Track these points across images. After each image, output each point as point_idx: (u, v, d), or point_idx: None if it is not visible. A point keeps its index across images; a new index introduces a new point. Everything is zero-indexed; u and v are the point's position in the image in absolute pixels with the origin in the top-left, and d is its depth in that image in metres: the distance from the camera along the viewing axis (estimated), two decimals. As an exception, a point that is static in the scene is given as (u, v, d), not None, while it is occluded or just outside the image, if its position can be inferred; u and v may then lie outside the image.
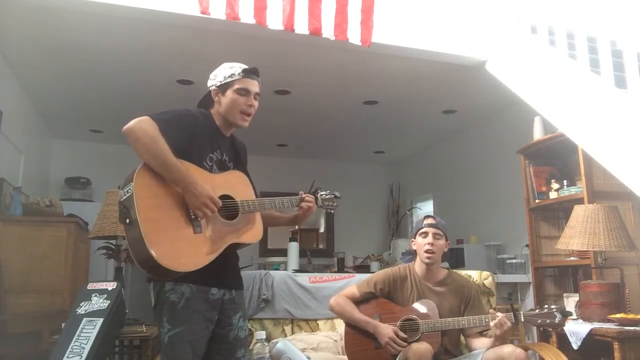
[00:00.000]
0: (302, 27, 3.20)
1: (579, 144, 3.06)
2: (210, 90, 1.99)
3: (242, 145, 2.12)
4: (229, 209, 1.85)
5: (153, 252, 1.60)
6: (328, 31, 3.26)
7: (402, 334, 2.41)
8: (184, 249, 1.70)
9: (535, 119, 4.10)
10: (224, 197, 1.84)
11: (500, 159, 5.21)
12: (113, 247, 3.28)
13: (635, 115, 2.53)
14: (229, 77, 1.94)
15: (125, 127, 1.71)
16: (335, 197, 2.22)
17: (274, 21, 3.15)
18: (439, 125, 5.92)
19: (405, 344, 2.35)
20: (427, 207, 6.93)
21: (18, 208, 4.10)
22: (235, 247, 1.88)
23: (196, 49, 3.97)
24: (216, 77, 1.97)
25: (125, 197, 1.68)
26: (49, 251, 3.97)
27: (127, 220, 1.65)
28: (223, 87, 1.95)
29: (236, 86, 1.93)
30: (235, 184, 1.92)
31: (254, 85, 1.97)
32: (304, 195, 2.08)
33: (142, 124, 1.71)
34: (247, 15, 3.08)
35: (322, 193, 2.18)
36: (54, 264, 3.95)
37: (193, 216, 1.74)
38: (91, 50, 3.97)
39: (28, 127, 5.14)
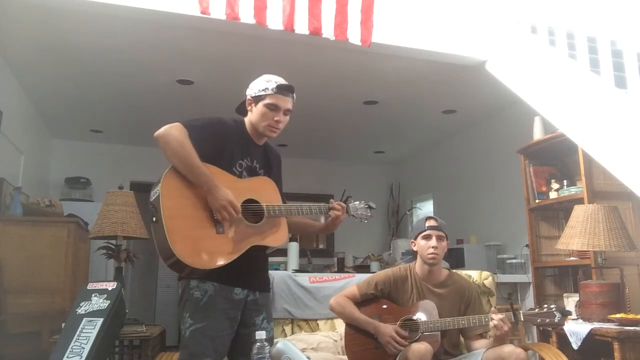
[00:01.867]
0: (302, 27, 3.20)
1: (579, 144, 3.06)
2: (246, 100, 2.06)
3: (275, 154, 2.19)
4: (255, 212, 1.92)
5: (174, 249, 1.69)
6: (328, 31, 3.26)
7: (403, 332, 2.41)
8: (206, 248, 1.78)
9: (535, 119, 4.10)
10: (249, 201, 1.91)
11: (500, 159, 5.21)
12: (113, 247, 3.28)
13: (635, 115, 2.53)
14: (262, 90, 2.00)
15: (157, 132, 1.81)
16: (370, 207, 2.23)
17: (274, 21, 3.15)
18: (439, 125, 5.92)
19: (406, 342, 2.35)
20: (427, 207, 6.93)
21: (18, 208, 4.10)
22: (260, 249, 1.93)
23: (196, 49, 3.97)
24: (252, 88, 2.04)
25: (153, 197, 1.79)
26: (49, 251, 3.97)
27: (154, 219, 1.76)
28: (256, 99, 2.01)
29: (267, 100, 1.99)
30: (262, 189, 1.99)
31: (285, 102, 2.02)
32: (333, 204, 2.08)
33: (172, 130, 1.81)
34: (247, 15, 3.08)
35: (355, 202, 2.19)
36: (54, 264, 3.95)
37: (216, 217, 1.81)
38: (91, 50, 3.97)
39: (28, 127, 5.14)
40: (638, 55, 2.66)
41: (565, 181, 3.85)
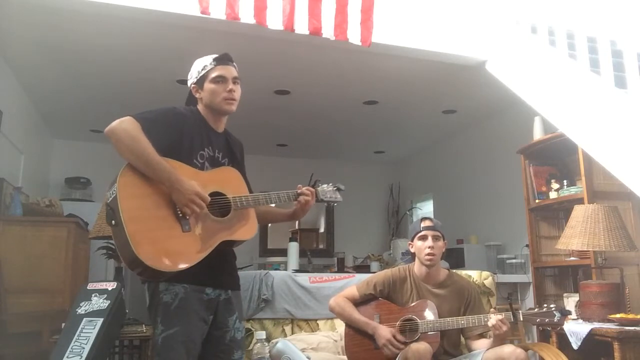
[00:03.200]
0: (302, 27, 3.20)
1: (579, 144, 3.06)
2: (191, 90, 1.98)
3: (237, 142, 2.08)
4: (221, 205, 1.80)
5: (138, 253, 1.57)
6: (328, 31, 3.25)
7: (400, 337, 2.41)
8: (172, 248, 1.66)
9: (535, 119, 4.10)
10: (215, 194, 1.79)
11: (500, 159, 5.21)
12: (113, 247, 3.28)
13: (635, 115, 2.53)
14: (202, 70, 1.93)
15: (107, 128, 1.71)
16: (339, 189, 2.13)
17: (274, 21, 3.15)
18: (439, 125, 5.92)
19: (402, 346, 2.35)
20: (427, 207, 6.93)
21: (18, 208, 4.10)
22: (229, 244, 1.83)
23: (196, 49, 3.93)
24: (192, 75, 1.97)
25: (110, 198, 1.66)
26: (49, 251, 3.97)
27: (113, 222, 1.62)
28: (200, 82, 1.94)
29: (211, 76, 1.92)
30: (227, 180, 1.87)
31: (229, 71, 1.94)
32: (302, 189, 2.00)
33: (123, 124, 1.71)
34: (247, 15, 3.08)
35: (323, 186, 2.09)
36: (54, 264, 3.95)
37: (181, 215, 1.70)
38: (91, 50, 3.97)
39: (28, 127, 5.14)
40: (638, 55, 2.66)
41: (565, 181, 3.85)
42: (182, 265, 1.66)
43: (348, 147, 6.94)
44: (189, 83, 1.99)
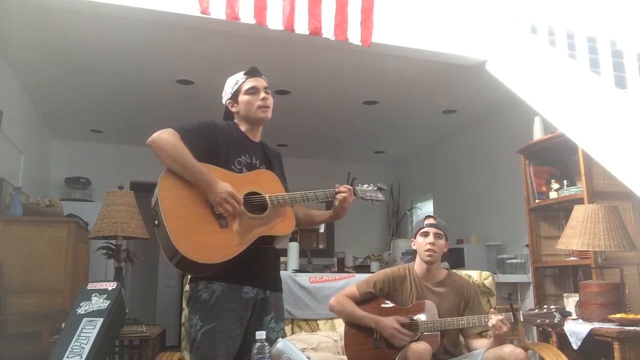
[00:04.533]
0: (302, 27, 3.20)
1: (579, 144, 3.06)
2: (227, 107, 2.09)
3: (275, 152, 2.19)
4: (258, 204, 1.89)
5: (178, 247, 1.69)
6: (328, 31, 3.26)
7: (404, 320, 2.42)
8: (210, 243, 1.77)
9: (535, 119, 4.10)
10: (251, 194, 1.89)
11: (500, 159, 5.21)
12: (113, 247, 3.28)
13: (635, 115, 2.53)
14: (235, 85, 2.06)
15: (149, 139, 1.83)
16: (380, 188, 2.23)
17: (274, 21, 3.15)
18: (439, 125, 5.92)
19: (410, 333, 2.36)
20: (427, 207, 6.93)
21: (18, 208, 4.10)
22: (268, 241, 1.91)
23: (196, 49, 3.97)
24: (226, 92, 2.10)
25: (153, 202, 1.79)
26: (49, 251, 3.98)
27: (156, 222, 1.76)
28: (234, 96, 2.06)
29: (244, 88, 2.04)
30: (263, 181, 1.97)
31: (260, 82, 2.07)
32: (340, 187, 2.07)
33: (163, 134, 1.83)
34: (247, 15, 3.08)
35: (363, 186, 2.19)
36: (54, 264, 3.95)
37: (218, 213, 1.80)
38: (91, 50, 3.97)
39: (28, 127, 5.14)
40: (638, 55, 2.66)
41: (565, 181, 3.85)
42: (220, 258, 1.76)
43: (348, 147, 6.94)
44: (224, 100, 2.11)
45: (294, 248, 4.28)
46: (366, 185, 2.21)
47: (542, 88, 3.16)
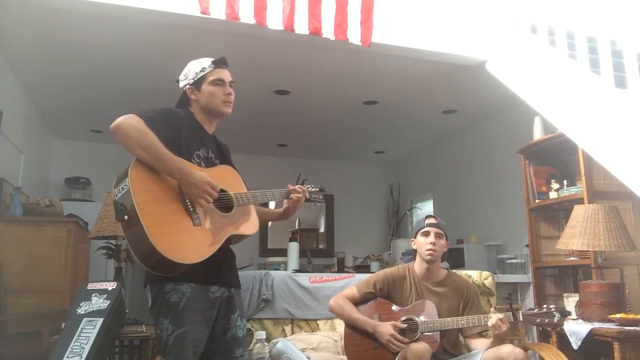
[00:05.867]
0: (302, 27, 3.20)
1: (579, 144, 3.06)
2: (185, 91, 1.99)
3: (225, 145, 2.13)
4: (224, 202, 1.84)
5: (157, 246, 1.57)
6: (328, 31, 3.26)
7: (401, 325, 2.41)
8: (187, 241, 1.69)
9: (535, 119, 4.10)
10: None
11: (500, 159, 5.21)
12: (113, 247, 3.29)
13: (635, 115, 2.53)
14: (200, 71, 1.96)
15: (112, 124, 1.70)
16: (320, 190, 2.22)
17: (274, 21, 3.15)
18: (439, 125, 5.92)
19: (407, 339, 2.36)
20: (427, 207, 6.93)
21: (18, 208, 4.10)
22: (233, 240, 1.87)
23: (196, 49, 3.94)
24: (187, 76, 1.98)
25: (120, 194, 1.66)
26: (49, 251, 3.97)
27: (126, 217, 1.62)
28: (197, 83, 1.96)
29: (210, 78, 1.95)
30: (226, 178, 1.92)
31: (226, 75, 1.98)
32: (295, 187, 2.08)
33: (128, 120, 1.70)
34: (247, 15, 3.08)
35: (308, 186, 2.18)
36: (54, 264, 3.95)
37: (191, 208, 1.72)
38: (91, 50, 3.97)
39: (28, 127, 5.14)
40: (638, 55, 2.66)
41: (565, 181, 3.85)
42: (197, 258, 1.68)
43: (348, 147, 6.94)
44: (182, 84, 2.00)
45: (294, 248, 4.28)
46: (310, 185, 2.19)
47: (542, 88, 3.16)
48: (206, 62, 1.97)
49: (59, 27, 3.60)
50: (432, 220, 2.63)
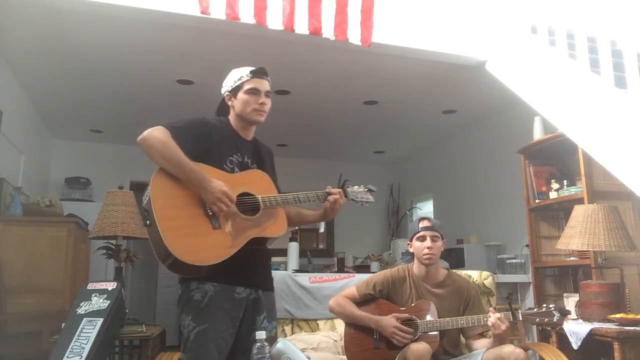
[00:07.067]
0: (302, 27, 3.20)
1: (579, 144, 3.06)
2: (224, 97, 2.06)
3: (266, 149, 2.18)
4: (250, 205, 1.88)
5: (170, 248, 1.66)
6: (328, 31, 3.26)
7: (403, 316, 2.42)
8: (203, 244, 1.75)
9: (535, 119, 4.10)
10: (244, 195, 1.88)
11: (500, 159, 5.21)
12: (113, 247, 3.28)
13: (635, 115, 2.53)
14: (238, 80, 2.02)
15: (139, 137, 1.80)
16: (370, 190, 2.24)
17: (274, 21, 3.15)
18: (439, 125, 5.92)
19: (411, 330, 2.36)
20: (427, 207, 6.93)
21: (18, 208, 4.10)
22: (260, 242, 1.90)
23: (196, 49, 3.97)
24: (227, 84, 2.05)
25: (144, 201, 1.77)
26: (49, 251, 3.97)
27: (148, 222, 1.74)
28: (234, 91, 2.02)
29: (246, 87, 2.00)
30: (255, 182, 1.96)
31: (263, 85, 2.04)
32: (330, 189, 2.09)
33: (153, 132, 1.80)
34: (247, 15, 3.08)
35: (354, 187, 2.20)
36: (54, 264, 3.95)
37: (210, 213, 1.78)
38: (91, 50, 3.97)
39: (28, 127, 5.14)
40: (638, 55, 2.66)
41: (565, 181, 3.85)
42: (213, 260, 1.74)
43: (348, 147, 6.94)
44: (222, 91, 2.06)
45: (294, 248, 4.28)
46: (357, 186, 2.22)
47: (542, 88, 3.16)
48: (244, 71, 2.03)
49: (59, 27, 3.60)
50: (426, 223, 2.60)
